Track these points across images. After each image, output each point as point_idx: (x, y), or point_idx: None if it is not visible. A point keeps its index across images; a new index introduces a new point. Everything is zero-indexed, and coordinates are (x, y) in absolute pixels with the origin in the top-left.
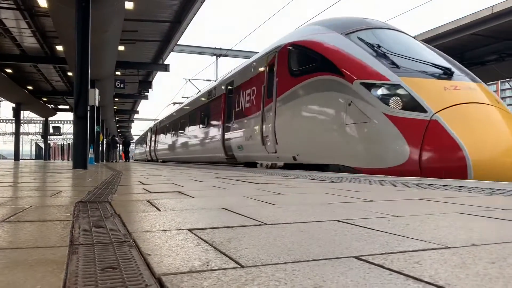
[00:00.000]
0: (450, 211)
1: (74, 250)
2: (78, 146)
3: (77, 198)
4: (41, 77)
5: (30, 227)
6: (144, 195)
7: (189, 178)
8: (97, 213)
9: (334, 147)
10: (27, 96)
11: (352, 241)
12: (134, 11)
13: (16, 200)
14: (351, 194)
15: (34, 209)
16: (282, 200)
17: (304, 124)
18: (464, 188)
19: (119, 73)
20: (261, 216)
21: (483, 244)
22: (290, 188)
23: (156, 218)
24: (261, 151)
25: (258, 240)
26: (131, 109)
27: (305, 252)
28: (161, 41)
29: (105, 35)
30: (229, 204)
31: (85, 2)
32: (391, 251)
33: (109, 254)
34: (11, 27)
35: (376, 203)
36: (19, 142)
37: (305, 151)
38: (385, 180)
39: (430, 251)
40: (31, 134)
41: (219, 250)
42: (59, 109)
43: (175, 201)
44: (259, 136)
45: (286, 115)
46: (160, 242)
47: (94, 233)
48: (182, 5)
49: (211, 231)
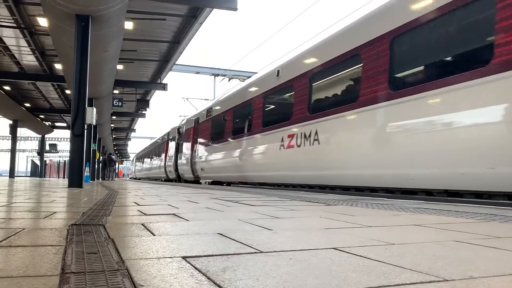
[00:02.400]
0: (447, 239)
1: (65, 279)
2: (74, 164)
3: (71, 220)
4: (39, 95)
5: (22, 252)
6: (139, 218)
7: (185, 199)
8: (91, 237)
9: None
10: (24, 113)
11: (349, 272)
12: (134, 31)
13: (9, 222)
14: (347, 218)
15: (27, 232)
16: (278, 225)
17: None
18: (460, 214)
19: (117, 92)
20: (256, 242)
21: (481, 276)
22: (286, 212)
23: (150, 243)
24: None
25: (253, 270)
26: (128, 127)
27: (301, 285)
28: (159, 60)
29: (104, 54)
30: (225, 228)
31: (84, 22)
32: (388, 284)
33: (101, 284)
34: (10, 45)
35: (373, 229)
36: (15, 159)
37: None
38: (382, 203)
39: (427, 284)
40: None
41: (213, 281)
42: (56, 126)
43: (170, 225)
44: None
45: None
46: (153, 271)
47: (87, 260)
48: (181, 26)
49: (205, 259)
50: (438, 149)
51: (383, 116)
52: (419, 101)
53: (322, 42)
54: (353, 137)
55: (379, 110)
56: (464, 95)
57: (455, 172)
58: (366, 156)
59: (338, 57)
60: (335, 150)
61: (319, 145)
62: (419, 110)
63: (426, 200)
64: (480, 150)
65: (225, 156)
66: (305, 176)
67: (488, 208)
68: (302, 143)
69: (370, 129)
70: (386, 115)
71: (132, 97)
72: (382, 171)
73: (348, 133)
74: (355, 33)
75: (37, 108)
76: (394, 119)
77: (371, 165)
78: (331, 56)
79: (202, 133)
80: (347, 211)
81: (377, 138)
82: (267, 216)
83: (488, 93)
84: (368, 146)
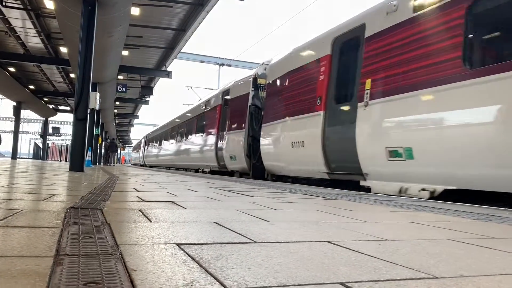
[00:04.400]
0: (441, 237)
1: (59, 261)
2: (76, 148)
3: (69, 203)
4: (43, 77)
5: (19, 233)
6: (137, 204)
7: (184, 188)
8: (88, 221)
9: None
10: (28, 96)
11: (340, 266)
12: (140, 17)
13: (8, 202)
14: (344, 213)
15: (25, 214)
16: (275, 216)
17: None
18: (457, 212)
19: (122, 78)
20: (252, 233)
21: (471, 275)
22: (284, 204)
23: (146, 229)
24: None
25: (246, 259)
26: (131, 113)
27: (291, 276)
28: (165, 48)
29: (110, 39)
30: (221, 218)
31: (91, 6)
32: (378, 279)
33: (94, 267)
34: (16, 26)
35: (368, 225)
36: (17, 141)
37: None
38: (380, 199)
39: (417, 280)
40: (30, 133)
41: (205, 268)
42: (60, 109)
43: (167, 212)
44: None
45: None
46: (147, 257)
47: (82, 243)
48: (187, 14)
49: (199, 247)
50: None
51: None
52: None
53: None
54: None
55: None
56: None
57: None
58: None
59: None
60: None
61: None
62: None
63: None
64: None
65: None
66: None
67: (486, 208)
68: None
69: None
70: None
71: (136, 83)
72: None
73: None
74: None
75: (41, 91)
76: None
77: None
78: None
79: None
80: (344, 205)
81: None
82: (264, 207)
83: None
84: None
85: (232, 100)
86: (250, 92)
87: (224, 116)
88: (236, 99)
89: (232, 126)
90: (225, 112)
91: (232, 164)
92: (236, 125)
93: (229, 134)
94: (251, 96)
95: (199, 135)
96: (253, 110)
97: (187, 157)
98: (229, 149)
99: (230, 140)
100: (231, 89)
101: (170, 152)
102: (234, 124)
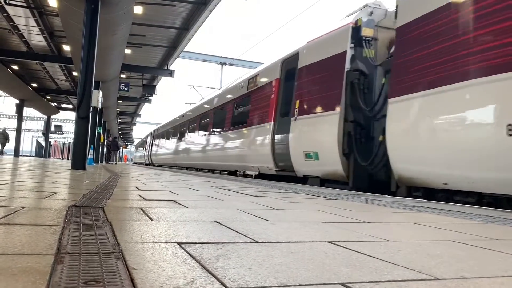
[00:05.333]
0: (443, 238)
1: (60, 259)
2: (78, 146)
3: (71, 201)
4: (46, 75)
5: (20, 231)
6: (138, 202)
7: (186, 186)
8: (89, 219)
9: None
10: (31, 93)
11: (341, 266)
12: (143, 15)
13: (10, 200)
14: (346, 213)
15: (27, 211)
16: (276, 216)
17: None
18: (460, 214)
19: (124, 76)
20: (252, 232)
21: (473, 277)
22: (285, 203)
23: (147, 228)
24: None
25: (246, 259)
26: (133, 112)
27: (292, 276)
28: (167, 46)
29: (113, 38)
30: (222, 217)
31: (94, 5)
32: (379, 280)
33: (95, 265)
34: (20, 24)
35: (370, 225)
36: (20, 139)
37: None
38: (382, 200)
39: (418, 282)
40: (32, 131)
41: (206, 268)
42: (62, 108)
43: (169, 211)
44: None
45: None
46: (147, 255)
47: (83, 242)
48: (190, 13)
49: (200, 246)
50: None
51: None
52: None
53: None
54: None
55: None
56: None
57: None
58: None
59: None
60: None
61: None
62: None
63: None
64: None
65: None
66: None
67: (488, 210)
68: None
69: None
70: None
71: (138, 82)
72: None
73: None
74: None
75: (44, 89)
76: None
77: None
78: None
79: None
80: (346, 206)
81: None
82: (265, 207)
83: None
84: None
85: (307, 69)
86: (348, 50)
87: (287, 94)
88: (315, 65)
89: (308, 107)
90: (290, 88)
91: (309, 166)
92: (318, 106)
93: (302, 120)
94: (349, 56)
95: (239, 125)
96: (354, 79)
97: (218, 155)
98: (303, 142)
99: (304, 130)
100: (302, 52)
101: (191, 148)
102: (312, 105)
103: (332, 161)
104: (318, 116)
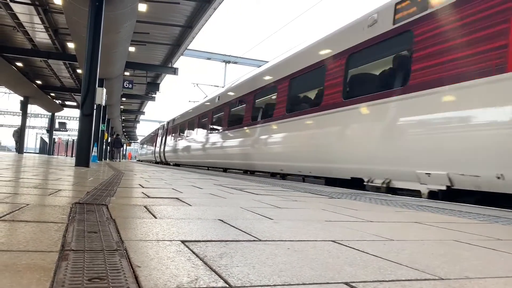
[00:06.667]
0: (447, 238)
1: (64, 256)
2: (82, 143)
3: (75, 198)
4: (50, 73)
5: (24, 227)
6: (142, 200)
7: (189, 184)
8: (93, 217)
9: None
10: (35, 90)
11: (345, 265)
12: (147, 13)
13: (14, 197)
14: (349, 212)
15: (31, 208)
16: (279, 215)
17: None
18: (463, 213)
19: (128, 74)
20: (256, 230)
21: (477, 277)
22: (288, 202)
23: (151, 226)
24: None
25: (250, 258)
26: (137, 109)
27: (296, 275)
28: (171, 44)
29: (117, 36)
30: (226, 215)
31: (98, 2)
32: (383, 279)
33: (99, 263)
34: (24, 21)
35: (374, 224)
36: (24, 135)
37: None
38: (386, 199)
39: (422, 281)
40: (36, 128)
41: (209, 266)
42: (66, 105)
43: (172, 209)
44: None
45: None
46: (151, 253)
47: (87, 239)
48: (194, 11)
49: (204, 244)
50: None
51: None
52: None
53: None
54: None
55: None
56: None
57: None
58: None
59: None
60: None
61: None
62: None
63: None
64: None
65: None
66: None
67: (492, 209)
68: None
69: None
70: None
71: (142, 79)
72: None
73: None
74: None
75: (48, 86)
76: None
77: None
78: None
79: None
80: (349, 205)
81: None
82: (269, 205)
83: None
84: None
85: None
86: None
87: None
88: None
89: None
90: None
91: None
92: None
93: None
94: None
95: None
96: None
97: (278, 153)
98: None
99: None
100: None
101: (227, 143)
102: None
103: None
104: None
